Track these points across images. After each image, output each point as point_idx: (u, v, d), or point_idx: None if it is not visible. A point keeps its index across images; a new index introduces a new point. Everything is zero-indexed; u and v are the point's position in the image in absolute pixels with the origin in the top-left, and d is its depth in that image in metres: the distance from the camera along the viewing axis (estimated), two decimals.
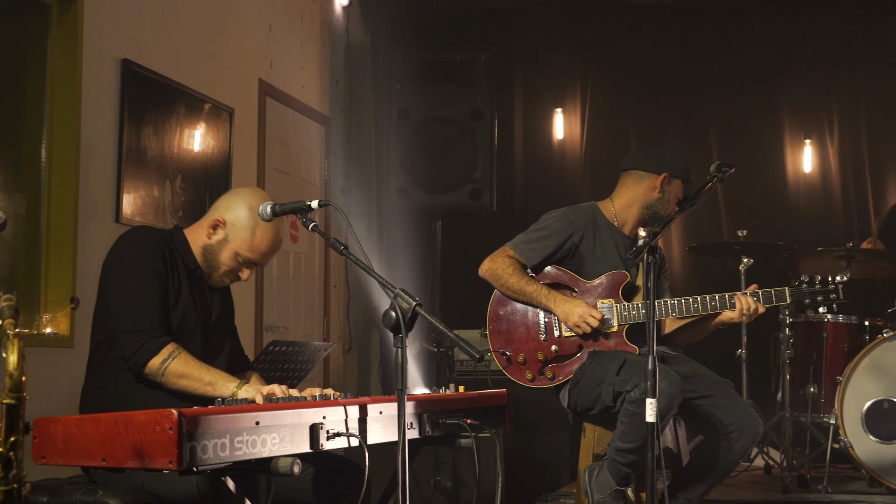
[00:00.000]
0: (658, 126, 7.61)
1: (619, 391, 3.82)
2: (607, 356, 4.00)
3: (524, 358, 4.14)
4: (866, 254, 5.82)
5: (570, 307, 4.07)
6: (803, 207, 7.39)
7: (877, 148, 7.33)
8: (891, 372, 5.22)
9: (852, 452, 5.20)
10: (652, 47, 7.70)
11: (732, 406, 4.00)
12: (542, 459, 5.62)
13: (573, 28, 7.75)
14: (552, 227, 4.22)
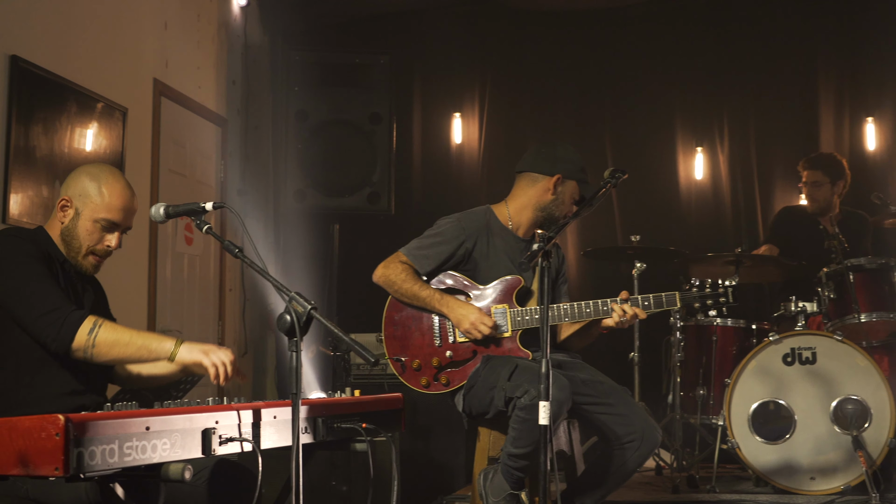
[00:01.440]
0: (554, 132, 7.70)
1: (510, 396, 3.86)
2: (500, 361, 4.03)
3: (419, 364, 4.15)
4: (754, 259, 5.99)
5: (462, 313, 4.09)
6: (695, 213, 7.56)
7: (765, 155, 7.54)
8: (776, 374, 5.37)
9: (739, 453, 5.33)
10: (550, 53, 7.79)
11: (633, 415, 4.05)
12: (438, 463, 5.64)
13: (472, 33, 7.80)
14: (445, 233, 4.24)
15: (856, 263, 5.62)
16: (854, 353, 5.32)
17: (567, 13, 7.74)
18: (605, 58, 7.74)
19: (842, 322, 5.59)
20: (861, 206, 6.58)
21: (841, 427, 5.24)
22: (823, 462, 5.25)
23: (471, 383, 4.11)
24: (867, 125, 7.38)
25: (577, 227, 7.49)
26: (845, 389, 5.29)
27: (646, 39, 7.68)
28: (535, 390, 3.62)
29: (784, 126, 7.56)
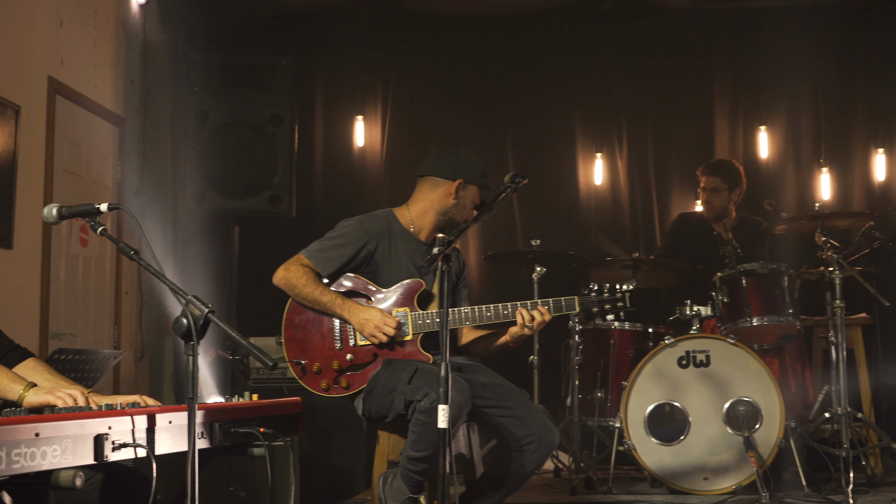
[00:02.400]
0: (457, 136, 7.73)
1: (410, 400, 3.86)
2: (400, 364, 4.03)
3: (319, 367, 4.13)
4: (651, 264, 6.09)
5: (365, 317, 4.07)
6: (594, 218, 7.67)
7: (662, 162, 7.68)
8: (671, 377, 5.49)
9: (635, 454, 5.43)
10: (453, 58, 7.82)
11: (531, 418, 4.08)
12: (337, 467, 5.61)
13: (376, 36, 7.79)
14: (347, 235, 4.22)
15: (748, 268, 5.77)
16: (746, 356, 5.46)
17: (470, 18, 7.78)
18: (508, 63, 7.80)
19: (735, 325, 5.73)
20: (754, 212, 6.75)
21: (733, 428, 5.38)
22: (716, 462, 5.38)
23: (371, 387, 4.10)
24: (760, 133, 7.58)
25: (479, 231, 7.53)
26: (737, 391, 5.43)
27: (547, 45, 7.75)
28: (435, 393, 3.66)
29: (681, 133, 7.71)
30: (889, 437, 5.71)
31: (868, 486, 5.63)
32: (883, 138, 7.43)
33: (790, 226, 6.09)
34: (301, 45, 7.37)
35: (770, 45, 7.33)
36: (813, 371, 6.43)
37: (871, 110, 7.49)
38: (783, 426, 5.34)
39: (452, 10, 7.72)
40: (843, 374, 5.49)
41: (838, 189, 7.47)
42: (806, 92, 7.56)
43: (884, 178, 7.40)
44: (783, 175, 7.55)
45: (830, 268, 5.55)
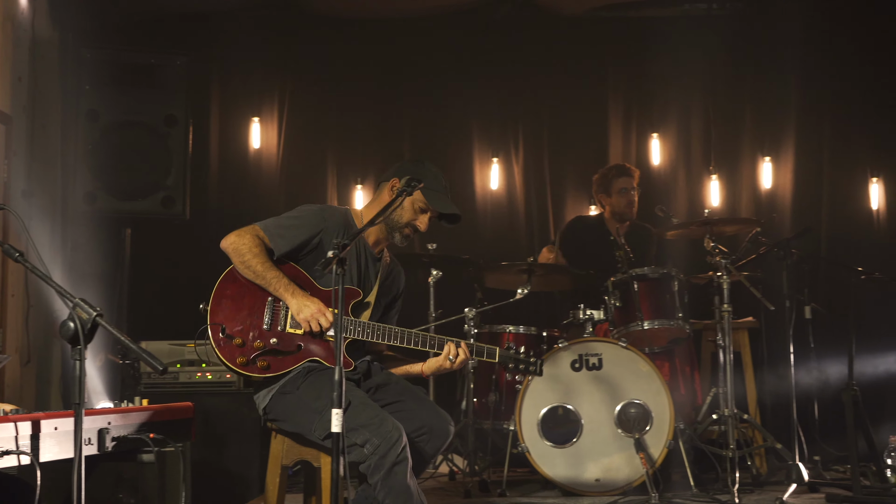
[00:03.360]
0: (354, 139, 7.73)
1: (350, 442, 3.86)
2: (329, 386, 3.97)
3: (242, 341, 3.98)
4: (545, 268, 6.16)
5: (305, 302, 4.00)
6: (490, 223, 7.72)
7: (557, 167, 7.78)
8: (564, 380, 5.56)
9: (529, 457, 5.49)
10: (351, 60, 7.79)
11: (422, 409, 4.10)
12: (230, 472, 5.54)
13: (273, 37, 7.72)
14: (306, 218, 4.15)
15: (640, 273, 5.89)
16: (637, 359, 5.57)
17: (368, 21, 7.78)
18: (405, 67, 7.82)
19: (626, 329, 5.83)
20: (646, 218, 6.88)
21: (624, 430, 5.48)
22: (608, 464, 5.47)
23: (286, 389, 4.02)
24: (652, 140, 7.74)
25: None
26: (629, 394, 5.53)
27: (444, 50, 7.79)
28: (378, 439, 3.77)
29: (576, 139, 7.83)
30: (773, 438, 5.87)
31: (753, 486, 5.78)
32: (770, 147, 7.64)
33: (680, 231, 6.22)
34: (196, 45, 7.26)
35: (663, 54, 7.48)
36: (701, 373, 6.58)
37: (758, 119, 7.70)
38: (672, 428, 5.46)
39: (349, 12, 7.71)
40: (730, 377, 5.64)
41: (727, 196, 7.66)
42: (697, 100, 7.74)
43: (770, 185, 7.61)
44: (674, 181, 7.72)
45: (719, 272, 5.69)
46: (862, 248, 7.33)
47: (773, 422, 6.66)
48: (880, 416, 6.66)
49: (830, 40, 7.56)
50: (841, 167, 7.58)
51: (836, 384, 6.46)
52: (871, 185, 7.49)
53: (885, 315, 7.00)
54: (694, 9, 7.75)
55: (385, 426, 3.82)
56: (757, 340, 6.72)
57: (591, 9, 7.74)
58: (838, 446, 6.33)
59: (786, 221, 7.48)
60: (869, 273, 6.09)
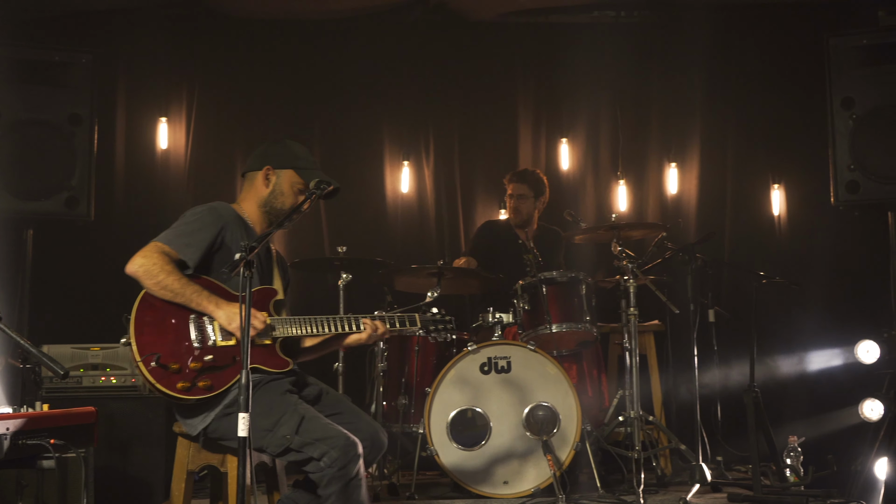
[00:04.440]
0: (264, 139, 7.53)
1: (293, 448, 3.82)
2: (277, 401, 3.92)
3: (178, 366, 3.85)
4: (455, 271, 6.18)
5: (234, 310, 3.88)
6: (400, 226, 7.72)
7: (467, 171, 7.81)
8: (473, 383, 5.58)
9: (438, 460, 5.50)
10: (261, 61, 7.73)
11: (360, 421, 4.13)
12: (135, 478, 5.45)
13: (180, 37, 7.62)
14: (203, 219, 4.06)
15: (548, 277, 5.94)
16: (545, 361, 5.62)
17: (278, 21, 7.71)
18: (316, 68, 7.77)
19: (535, 332, 5.88)
20: (554, 222, 6.95)
21: (532, 432, 5.52)
22: (516, 466, 5.51)
23: (231, 410, 3.90)
24: (561, 146, 7.82)
25: (285, 237, 7.47)
26: (537, 397, 5.58)
27: (355, 52, 7.76)
28: (336, 451, 3.78)
29: (486, 143, 7.87)
30: (678, 439, 5.98)
31: (658, 486, 5.89)
32: (676, 153, 7.77)
33: (588, 235, 6.30)
34: (102, 43, 7.12)
35: (572, 60, 7.57)
36: (608, 376, 6.68)
37: (665, 126, 7.83)
38: (579, 430, 5.52)
39: (259, 12, 7.65)
40: (636, 379, 5.73)
41: (634, 200, 7.78)
42: (605, 106, 7.84)
43: (676, 190, 7.74)
44: (583, 186, 7.81)
45: (625, 276, 5.77)
46: (763, 253, 7.51)
47: (678, 423, 6.77)
48: (780, 416, 6.81)
49: (735, 49, 7.73)
50: (744, 174, 7.74)
51: (738, 386, 6.59)
52: (773, 191, 7.66)
53: (785, 318, 7.19)
54: (603, 16, 7.85)
55: (340, 438, 3.83)
56: (662, 343, 6.82)
57: (502, 14, 7.79)
58: (740, 447, 6.46)
59: (691, 226, 7.62)
60: (770, 277, 6.23)
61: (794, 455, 5.98)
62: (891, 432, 5.64)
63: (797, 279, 6.59)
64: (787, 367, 7.18)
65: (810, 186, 7.42)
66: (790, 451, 5.99)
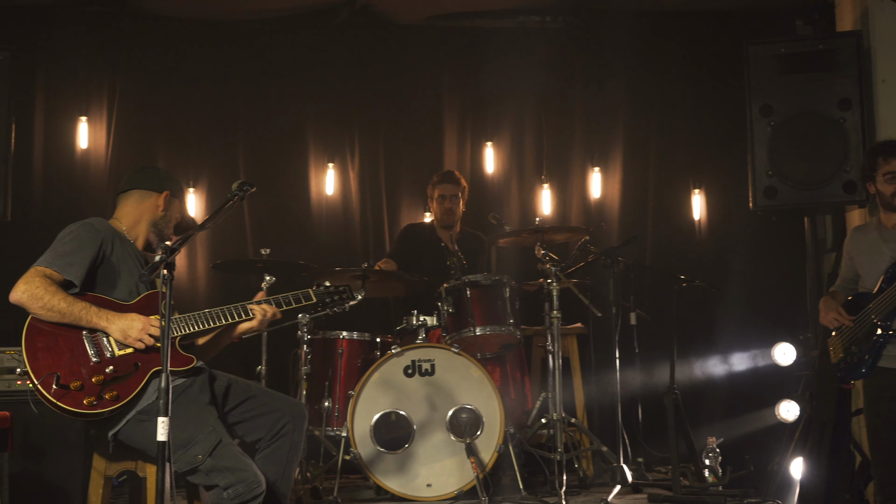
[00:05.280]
0: (187, 141, 7.56)
1: (200, 470, 3.81)
2: (195, 416, 3.90)
3: (80, 384, 3.83)
4: (379, 274, 6.17)
5: (127, 322, 3.92)
6: (325, 228, 7.66)
7: (393, 174, 7.79)
8: (397, 386, 5.58)
9: (361, 463, 5.49)
10: (184, 61, 7.61)
11: (274, 400, 4.21)
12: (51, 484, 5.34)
13: (102, 35, 7.49)
14: (81, 237, 4.06)
15: (473, 280, 5.97)
16: (469, 364, 5.64)
17: (201, 21, 7.62)
18: (240, 68, 7.69)
19: (459, 335, 5.90)
20: (479, 225, 6.98)
21: (456, 435, 5.53)
22: (439, 469, 5.52)
23: (144, 417, 3.91)
24: (486, 149, 7.84)
25: (207, 239, 7.38)
26: (460, 399, 5.59)
27: (281, 52, 7.70)
28: (242, 486, 3.80)
29: (412, 146, 7.85)
30: (599, 441, 6.04)
31: (580, 488, 5.95)
32: (599, 157, 7.84)
33: (512, 239, 6.33)
34: (21, 40, 6.99)
35: (497, 64, 7.61)
36: (532, 378, 6.71)
37: (588, 130, 7.90)
38: (503, 432, 5.55)
39: (182, 12, 7.54)
40: (559, 382, 5.77)
41: (558, 204, 7.83)
42: (530, 110, 7.88)
43: (599, 195, 7.81)
44: (507, 189, 7.84)
45: (549, 280, 5.82)
46: (684, 257, 7.62)
47: (600, 425, 6.84)
48: (699, 418, 6.93)
49: (658, 56, 7.82)
50: (666, 179, 7.84)
51: (658, 388, 6.67)
52: (694, 196, 7.78)
53: (705, 321, 7.30)
54: (528, 21, 7.89)
55: (249, 473, 3.84)
56: (585, 346, 6.89)
57: (428, 17, 7.80)
58: (660, 448, 6.54)
59: (613, 230, 7.70)
60: (690, 281, 6.33)
61: (712, 456, 6.07)
62: (806, 433, 5.76)
63: (717, 283, 6.70)
64: (707, 370, 7.30)
65: (730, 192, 7.55)
66: (709, 452, 6.09)
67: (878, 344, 4.70)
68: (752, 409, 6.90)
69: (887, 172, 4.76)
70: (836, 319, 4.86)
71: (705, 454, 6.08)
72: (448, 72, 7.94)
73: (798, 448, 5.76)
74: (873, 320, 4.71)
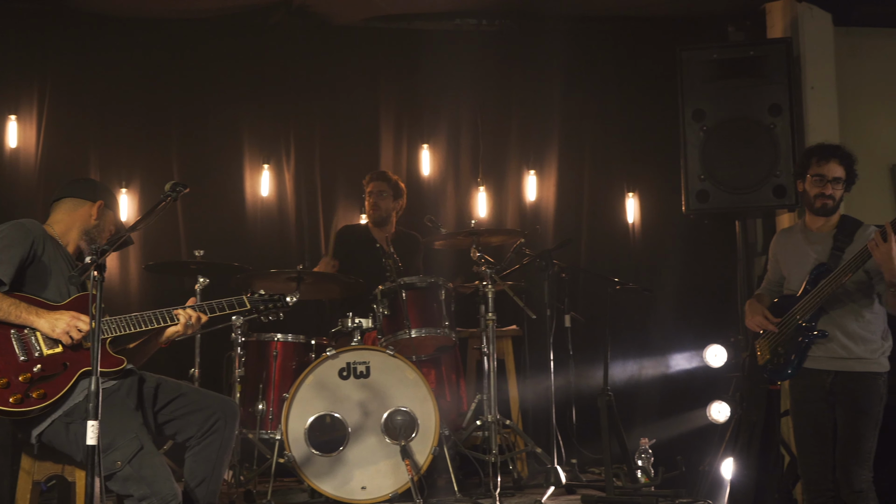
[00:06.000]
0: (120, 141, 7.46)
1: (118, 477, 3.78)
2: (119, 420, 3.85)
3: (7, 382, 3.81)
4: (314, 276, 6.15)
5: (56, 316, 3.92)
6: (260, 230, 7.60)
7: (329, 175, 7.75)
8: (332, 388, 5.56)
9: (295, 466, 5.45)
10: (118, 59, 7.50)
11: (204, 398, 4.20)
12: None
13: (32, 32, 7.36)
14: (11, 236, 4.04)
15: (408, 282, 5.96)
16: (404, 366, 5.63)
17: (135, 20, 7.51)
18: (174, 68, 7.59)
19: (394, 337, 5.89)
20: (415, 227, 6.98)
21: (390, 437, 5.52)
22: (374, 471, 5.50)
23: (71, 418, 3.89)
24: (423, 151, 7.84)
25: (140, 240, 7.28)
26: (395, 402, 5.58)
27: (215, 53, 7.62)
28: (157, 499, 3.78)
29: (348, 148, 7.82)
30: (534, 443, 6.07)
31: (514, 489, 5.97)
32: (534, 161, 7.89)
33: (448, 241, 6.35)
34: None
35: (434, 67, 7.61)
36: (467, 380, 6.73)
37: (524, 134, 7.93)
38: (437, 434, 5.55)
39: (115, 10, 7.43)
40: (494, 384, 5.80)
41: (493, 207, 7.86)
42: (466, 113, 7.89)
43: (534, 198, 7.86)
44: (443, 192, 7.84)
45: (484, 282, 5.84)
46: (618, 260, 7.69)
47: (534, 427, 6.87)
48: (632, 419, 6.99)
49: (593, 60, 7.89)
50: (600, 182, 7.90)
51: (592, 390, 6.72)
52: (628, 199, 7.86)
53: (638, 323, 7.38)
54: (465, 24, 7.91)
55: (166, 487, 3.83)
56: (520, 348, 6.93)
57: (365, 19, 7.78)
58: (594, 449, 6.61)
59: (548, 233, 7.74)
60: (624, 283, 6.39)
61: (645, 457, 6.14)
62: (736, 433, 5.85)
63: (650, 285, 6.79)
64: (640, 371, 7.37)
65: (663, 195, 7.62)
66: (641, 453, 6.16)
67: (804, 345, 4.79)
68: (684, 411, 6.98)
69: (816, 174, 4.84)
70: (762, 323, 4.93)
71: (638, 455, 6.15)
72: (385, 74, 7.92)
73: (728, 448, 5.84)
74: (798, 322, 4.80)
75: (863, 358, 4.72)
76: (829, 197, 4.85)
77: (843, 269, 4.64)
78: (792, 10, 7.01)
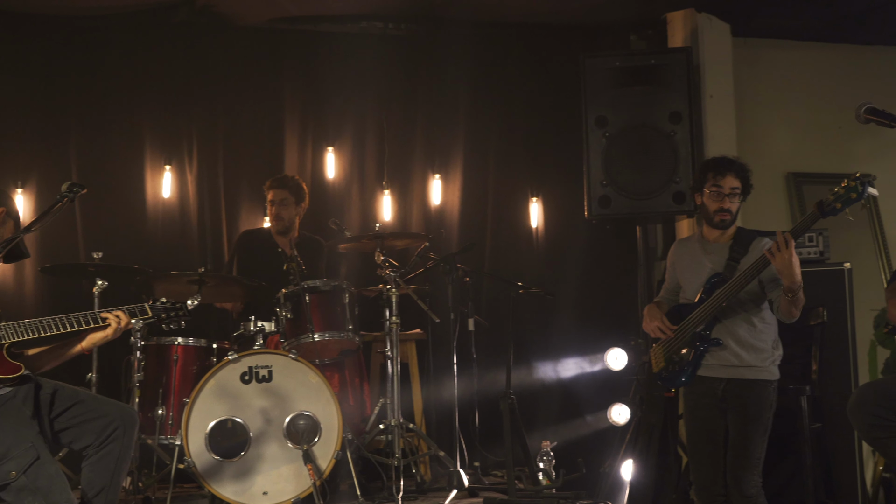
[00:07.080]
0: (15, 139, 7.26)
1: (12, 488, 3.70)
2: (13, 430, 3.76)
3: None
4: (216, 279, 6.08)
5: None
6: (161, 232, 7.46)
7: (232, 177, 7.64)
8: (234, 392, 5.50)
9: (196, 472, 5.38)
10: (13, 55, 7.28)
11: (102, 406, 4.15)
12: None
13: None
14: None
15: (311, 285, 5.94)
16: (307, 370, 5.60)
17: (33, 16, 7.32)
18: (73, 66, 7.42)
19: (297, 341, 5.86)
20: (319, 230, 6.95)
21: (293, 442, 5.49)
22: (276, 476, 5.47)
23: None
24: (328, 154, 7.79)
25: (36, 241, 7.08)
26: (298, 406, 5.55)
27: (117, 51, 7.47)
28: None
29: (252, 150, 7.73)
30: (437, 446, 6.10)
31: (417, 493, 5.98)
32: (439, 165, 7.90)
33: (352, 244, 6.33)
34: None
35: (339, 69, 7.58)
36: (370, 384, 6.72)
37: (429, 138, 7.94)
38: (340, 438, 5.53)
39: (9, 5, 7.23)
40: (397, 387, 5.81)
41: (398, 210, 7.84)
42: (371, 116, 7.87)
43: (439, 201, 7.87)
44: (348, 195, 7.81)
45: (388, 286, 5.84)
46: (522, 264, 7.73)
47: (438, 430, 6.89)
48: (534, 422, 7.05)
49: (498, 66, 7.94)
50: (504, 186, 7.95)
51: (495, 393, 6.75)
52: (532, 204, 7.92)
53: (541, 327, 7.45)
54: (371, 27, 7.89)
55: (63, 497, 3.78)
56: (424, 352, 6.94)
57: (270, 20, 7.71)
58: (497, 452, 6.63)
59: (453, 237, 7.76)
60: (527, 287, 6.45)
61: (546, 459, 6.21)
62: (636, 436, 5.94)
63: (553, 289, 6.85)
64: (542, 374, 7.44)
65: (566, 200, 7.69)
66: (543, 456, 6.22)
67: (698, 353, 4.88)
68: (586, 413, 7.08)
69: (713, 187, 4.94)
70: (659, 328, 5.01)
71: (540, 457, 6.21)
72: (289, 76, 7.86)
73: (628, 450, 5.94)
74: (693, 330, 4.89)
75: (753, 366, 4.83)
76: (727, 211, 4.95)
77: (739, 279, 4.75)
78: (692, 21, 7.16)
